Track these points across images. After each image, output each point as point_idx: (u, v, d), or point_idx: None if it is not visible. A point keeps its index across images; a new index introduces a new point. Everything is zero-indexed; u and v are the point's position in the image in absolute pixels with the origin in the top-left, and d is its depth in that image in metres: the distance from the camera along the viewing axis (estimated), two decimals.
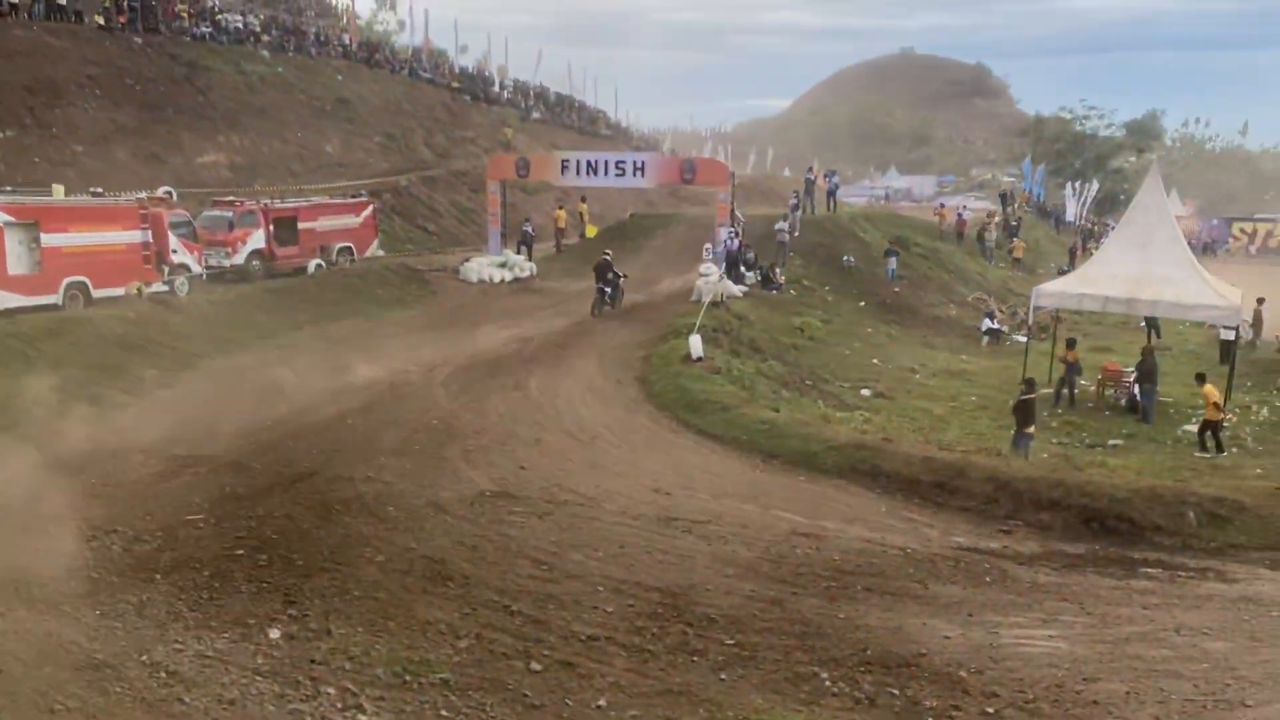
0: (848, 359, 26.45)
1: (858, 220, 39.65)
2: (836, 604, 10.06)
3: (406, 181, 41.94)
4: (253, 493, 12.32)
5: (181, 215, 25.13)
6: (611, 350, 22.67)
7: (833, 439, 15.79)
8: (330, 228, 29.93)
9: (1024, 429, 16.98)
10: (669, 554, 11.18)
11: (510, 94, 62.32)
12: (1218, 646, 9.27)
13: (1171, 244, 22.76)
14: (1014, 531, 12.82)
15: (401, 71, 54.90)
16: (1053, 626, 9.71)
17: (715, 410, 17.49)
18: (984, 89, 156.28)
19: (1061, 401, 22.90)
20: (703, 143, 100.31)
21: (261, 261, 27.49)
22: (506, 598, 9.63)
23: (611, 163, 33.53)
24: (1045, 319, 27.46)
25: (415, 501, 12.36)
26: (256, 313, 23.47)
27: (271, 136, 42.38)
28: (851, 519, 12.94)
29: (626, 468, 14.62)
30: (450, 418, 16.70)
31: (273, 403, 16.93)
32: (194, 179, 35.30)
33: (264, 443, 14.66)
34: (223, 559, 10.11)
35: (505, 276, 32.14)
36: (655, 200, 52.29)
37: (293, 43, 49.25)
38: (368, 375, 19.31)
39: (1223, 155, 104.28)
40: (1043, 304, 23.95)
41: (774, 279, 31.06)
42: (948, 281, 37.04)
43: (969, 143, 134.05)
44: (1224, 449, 18.83)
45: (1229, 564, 11.85)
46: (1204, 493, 13.34)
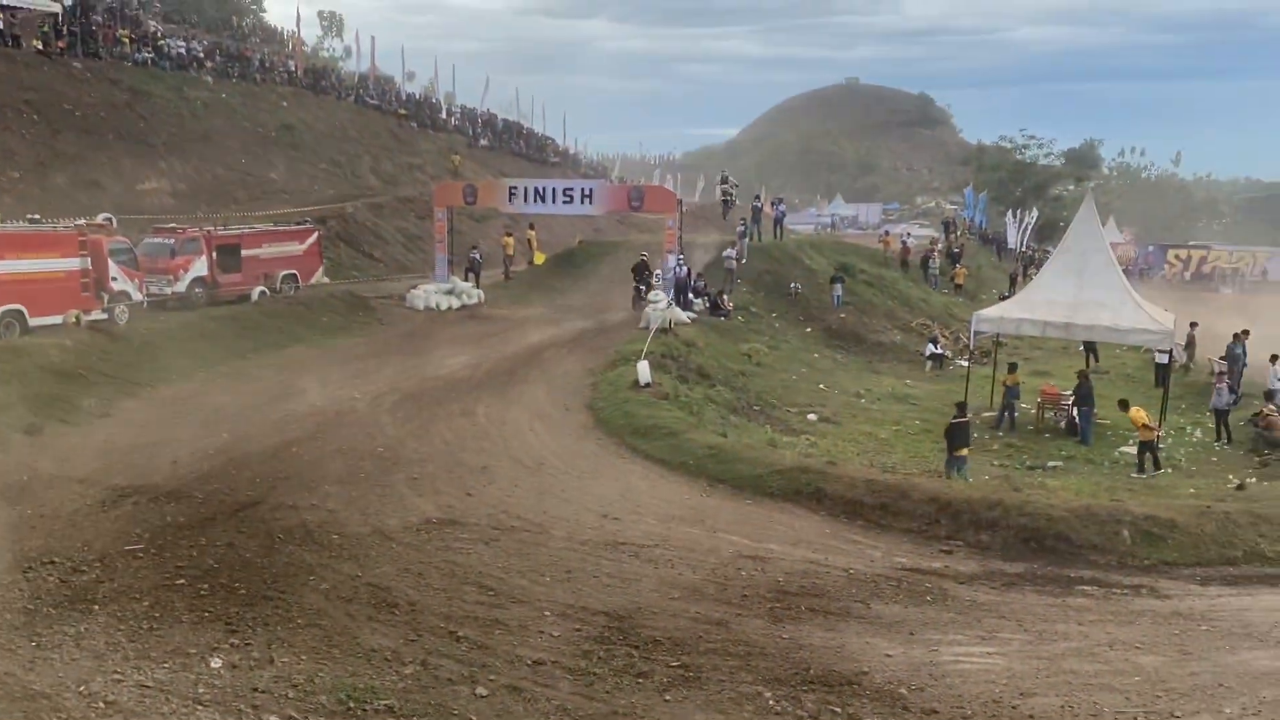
0: (795, 384, 26.76)
1: (804, 248, 40.18)
2: (780, 624, 10.17)
3: (353, 208, 41.70)
4: (194, 522, 12.15)
5: (122, 242, 24.75)
6: (560, 377, 22.72)
7: (778, 463, 15.96)
8: (274, 255, 29.64)
9: (955, 452, 17.34)
10: (615, 578, 11.23)
11: (458, 121, 62.41)
12: (1149, 660, 9.52)
13: (1106, 270, 23.41)
14: (954, 551, 13.06)
15: (348, 98, 54.80)
16: (991, 644, 9.91)
17: (663, 436, 17.60)
18: (927, 118, 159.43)
19: (1003, 424, 23.36)
20: (651, 170, 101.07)
21: (204, 289, 27.14)
22: (452, 624, 9.61)
23: (560, 190, 33.66)
24: (986, 343, 28.01)
25: (360, 529, 12.28)
26: (199, 341, 23.12)
27: (215, 163, 41.99)
28: (796, 541, 13.09)
29: (574, 493, 14.66)
30: (396, 445, 16.61)
31: (215, 431, 16.74)
32: (135, 206, 34.80)
33: (206, 471, 14.47)
34: (163, 589, 9.96)
35: (453, 304, 32.06)
36: (604, 227, 52.49)
37: (237, 69, 48.97)
38: (313, 403, 19.16)
39: (1157, 183, 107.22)
40: (983, 329, 24.45)
41: (722, 306, 31.36)
42: (892, 308, 37.62)
43: (913, 171, 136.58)
44: (1161, 466, 19.35)
45: (1161, 581, 12.18)
46: (1138, 512, 13.71)
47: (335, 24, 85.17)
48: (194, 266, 26.93)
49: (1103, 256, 23.76)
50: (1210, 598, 11.67)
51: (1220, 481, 18.04)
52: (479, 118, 64.58)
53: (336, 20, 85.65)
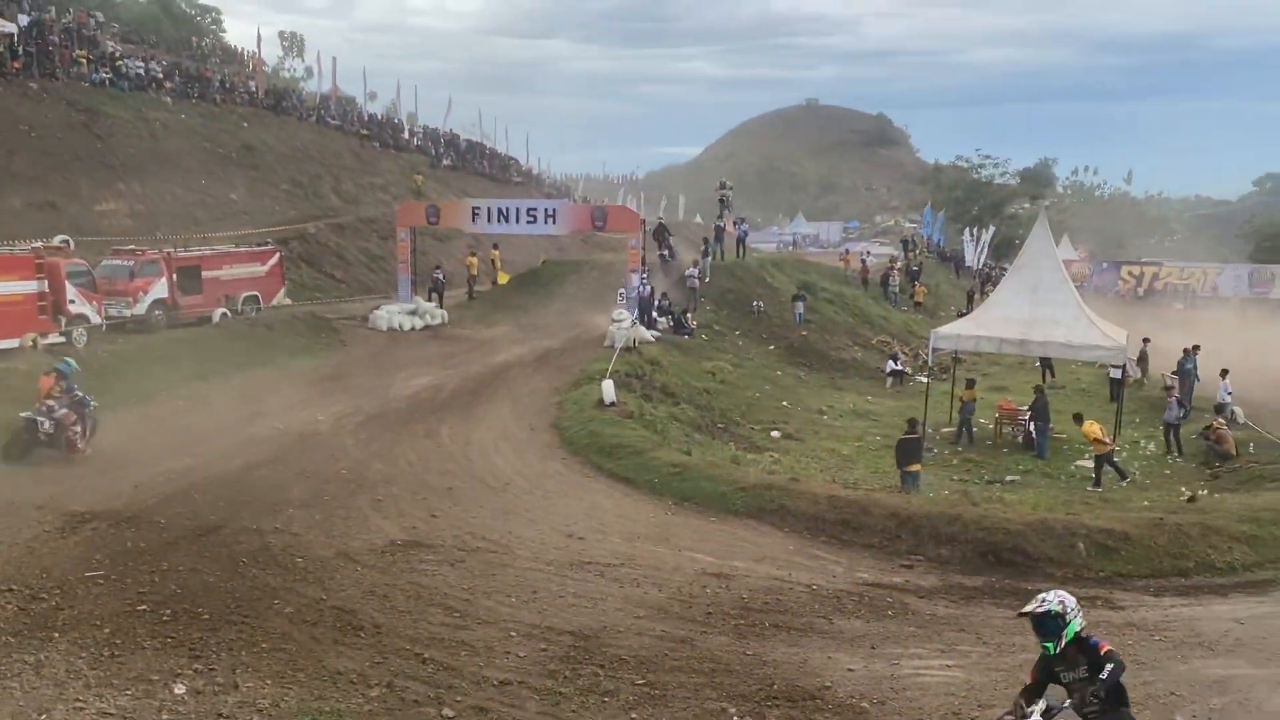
0: (758, 402, 26.97)
1: (766, 266, 40.56)
2: (745, 641, 10.29)
3: (315, 229, 41.54)
4: (156, 547, 12.06)
5: (80, 264, 24.52)
6: (525, 396, 22.77)
7: (742, 480, 16.11)
8: (235, 276, 29.47)
9: (904, 467, 17.63)
10: (581, 598, 11.30)
11: (420, 141, 62.34)
12: None
13: (1060, 287, 23.87)
14: (915, 566, 13.25)
15: (309, 118, 54.58)
16: (951, 656, 10.09)
17: (628, 454, 17.70)
18: (886, 138, 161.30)
19: (961, 440, 23.71)
20: (615, 189, 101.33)
21: (164, 311, 26.92)
22: (418, 645, 9.62)
23: (523, 210, 33.79)
24: (945, 360, 28.40)
25: (324, 552, 12.26)
26: (159, 364, 22.91)
27: (174, 184, 41.61)
28: (760, 558, 13.22)
29: (539, 513, 14.71)
30: (360, 467, 16.59)
31: (177, 455, 16.60)
32: (93, 228, 34.46)
33: (168, 496, 14.36)
34: (124, 615, 9.88)
35: (416, 324, 32.02)
36: (567, 246, 52.59)
37: (197, 89, 48.63)
38: (276, 426, 19.07)
39: (1110, 201, 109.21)
40: (941, 346, 24.81)
41: (686, 324, 31.55)
42: (854, 325, 38.05)
43: (872, 190, 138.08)
44: (1125, 474, 19.76)
45: (1116, 592, 12.45)
46: (1093, 525, 13.99)
47: (296, 44, 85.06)
48: (154, 288, 26.72)
49: (1057, 274, 24.23)
50: (1163, 608, 11.93)
51: (1172, 494, 18.41)
52: (441, 138, 64.53)
53: (297, 41, 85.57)
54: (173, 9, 72.66)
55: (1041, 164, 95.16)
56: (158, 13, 69.61)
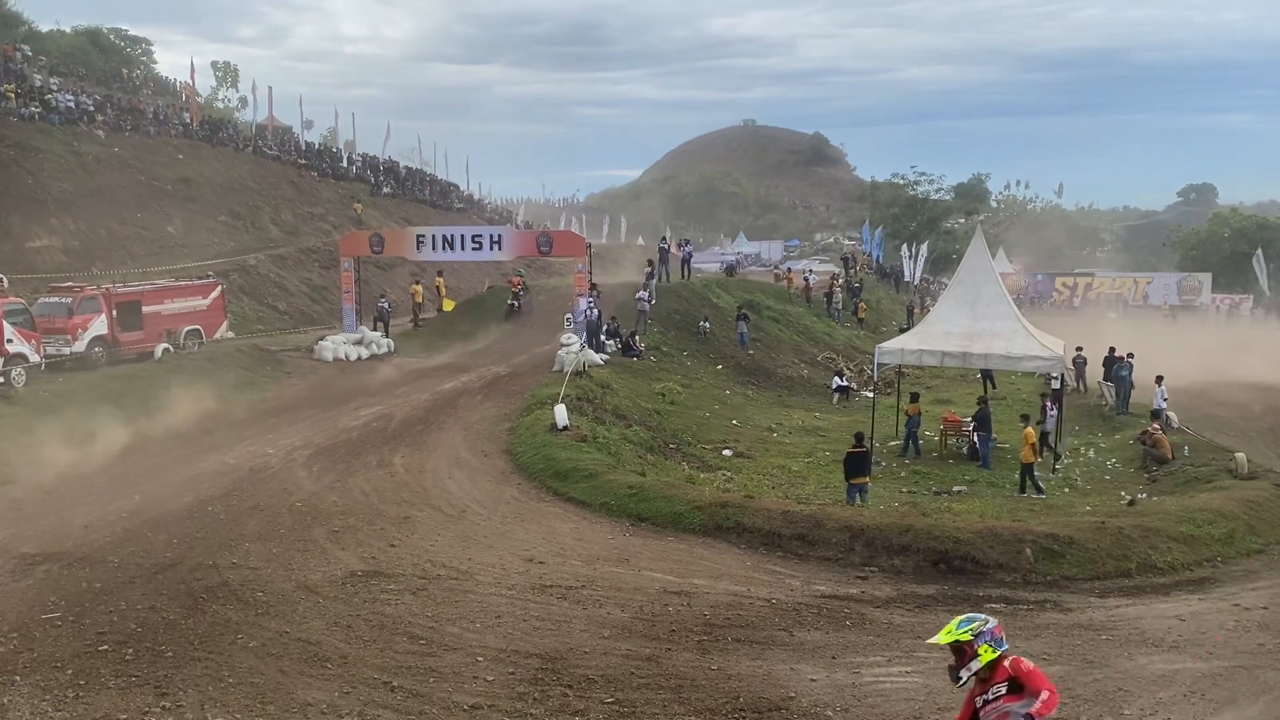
0: (708, 421, 27.23)
1: (711, 287, 41.00)
2: (709, 656, 10.46)
3: (255, 260, 41.19)
4: (112, 586, 11.93)
5: (16, 303, 24.13)
6: (476, 423, 22.77)
7: (697, 499, 16.30)
8: (177, 311, 29.13)
9: (851, 480, 18.00)
10: (545, 621, 11.40)
11: (359, 169, 62.03)
12: (1055, 670, 9.99)
13: (998, 301, 24.50)
14: (870, 577, 13.55)
15: (246, 149, 54.14)
16: (909, 663, 10.36)
17: (583, 478, 17.80)
18: (822, 157, 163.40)
19: (908, 452, 24.17)
20: (556, 213, 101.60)
21: (104, 348, 26.52)
22: (386, 674, 9.66)
23: (468, 237, 33.84)
24: (890, 374, 28.92)
25: (284, 585, 12.21)
26: (101, 402, 22.53)
27: (109, 218, 41.04)
28: (719, 575, 13.42)
29: (498, 539, 14.77)
30: (314, 499, 16.49)
31: (126, 493, 16.39)
32: (26, 265, 33.85)
33: (120, 535, 14.18)
34: (85, 656, 9.78)
35: (362, 354, 31.87)
36: (511, 272, 52.68)
37: (130, 121, 48.09)
38: (225, 461, 18.87)
39: (1042, 214, 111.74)
40: (886, 360, 25.25)
41: (634, 346, 31.79)
42: (799, 342, 38.59)
43: (811, 208, 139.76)
44: (1042, 490, 20.13)
45: (1063, 595, 12.88)
46: (1039, 530, 14.44)
47: (230, 74, 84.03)
48: (93, 325, 26.36)
49: (994, 288, 24.86)
50: (1109, 608, 12.37)
51: (1113, 498, 18.97)
52: (380, 165, 64.33)
53: (231, 70, 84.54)
54: (101, 41, 71.58)
55: (975, 179, 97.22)
56: (86, 45, 68.53)
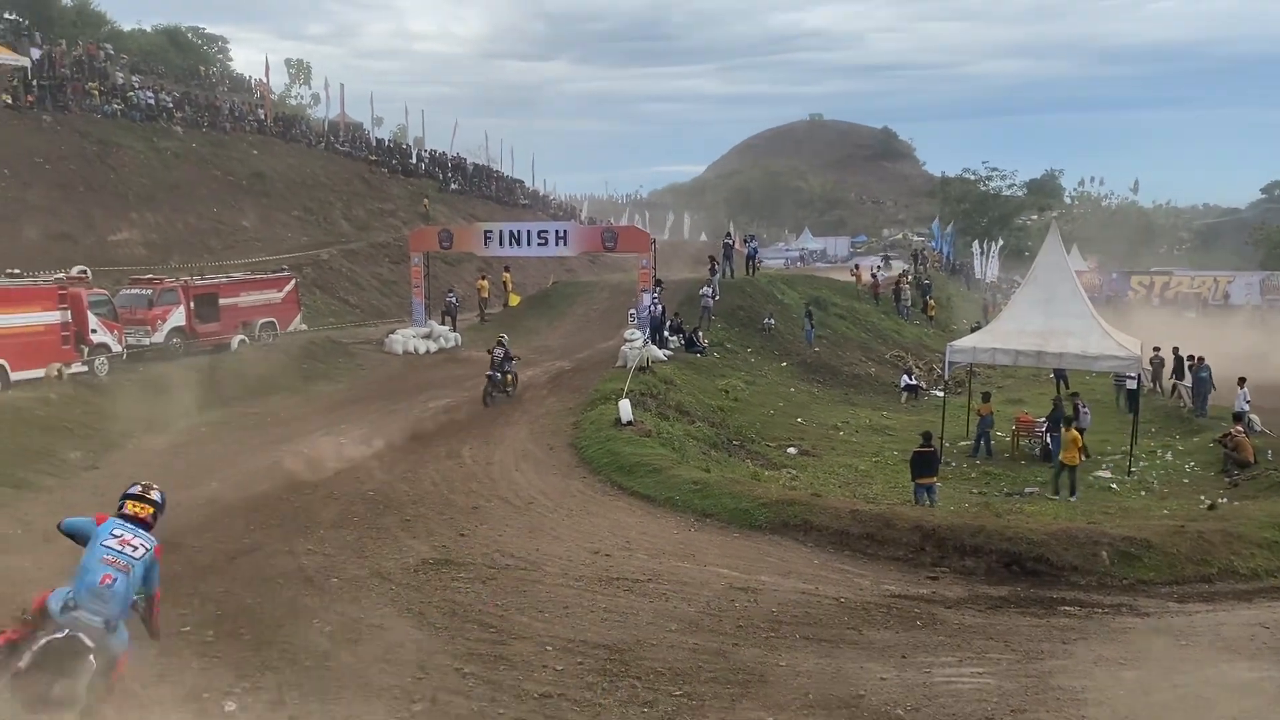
0: (773, 418, 27.11)
1: (776, 283, 40.77)
2: (777, 653, 10.42)
3: (327, 255, 41.93)
4: (192, 571, 12.22)
5: (101, 294, 24.83)
6: (541, 417, 22.95)
7: (763, 496, 16.23)
8: (252, 303, 29.76)
9: (917, 480, 17.79)
10: (613, 612, 11.44)
11: (428, 165, 62.84)
12: (1133, 675, 9.85)
13: (1073, 298, 24.00)
14: (940, 577, 13.38)
15: (318, 145, 55.15)
16: (981, 664, 10.22)
17: (648, 472, 17.84)
18: (891, 152, 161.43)
19: (979, 453, 23.82)
20: (620, 209, 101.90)
21: (182, 339, 27.20)
22: (457, 661, 9.78)
23: (534, 232, 34.05)
24: (961, 374, 28.53)
25: (358, 572, 12.44)
26: (180, 391, 23.13)
27: (186, 212, 42.13)
28: (786, 572, 13.36)
29: (565, 531, 14.88)
30: (386, 488, 16.75)
31: (204, 480, 16.78)
32: (107, 257, 34.85)
33: (198, 521, 14.51)
34: (169, 637, 9.98)
35: (430, 347, 32.28)
36: (576, 267, 53.01)
37: (206, 118, 49.22)
38: (298, 450, 19.21)
39: (1118, 211, 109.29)
40: (957, 359, 24.91)
41: (697, 343, 31.75)
42: (866, 340, 38.22)
43: (879, 204, 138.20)
44: (1076, 492, 19.70)
45: (1140, 599, 12.58)
46: (1115, 533, 14.12)
47: (303, 71, 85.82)
48: (172, 317, 27.02)
49: (1069, 285, 24.38)
50: (1188, 614, 12.06)
51: (1193, 502, 18.50)
52: (449, 162, 65.09)
53: (304, 68, 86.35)
54: (180, 39, 73.45)
55: (1048, 175, 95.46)
56: (165, 43, 70.39)
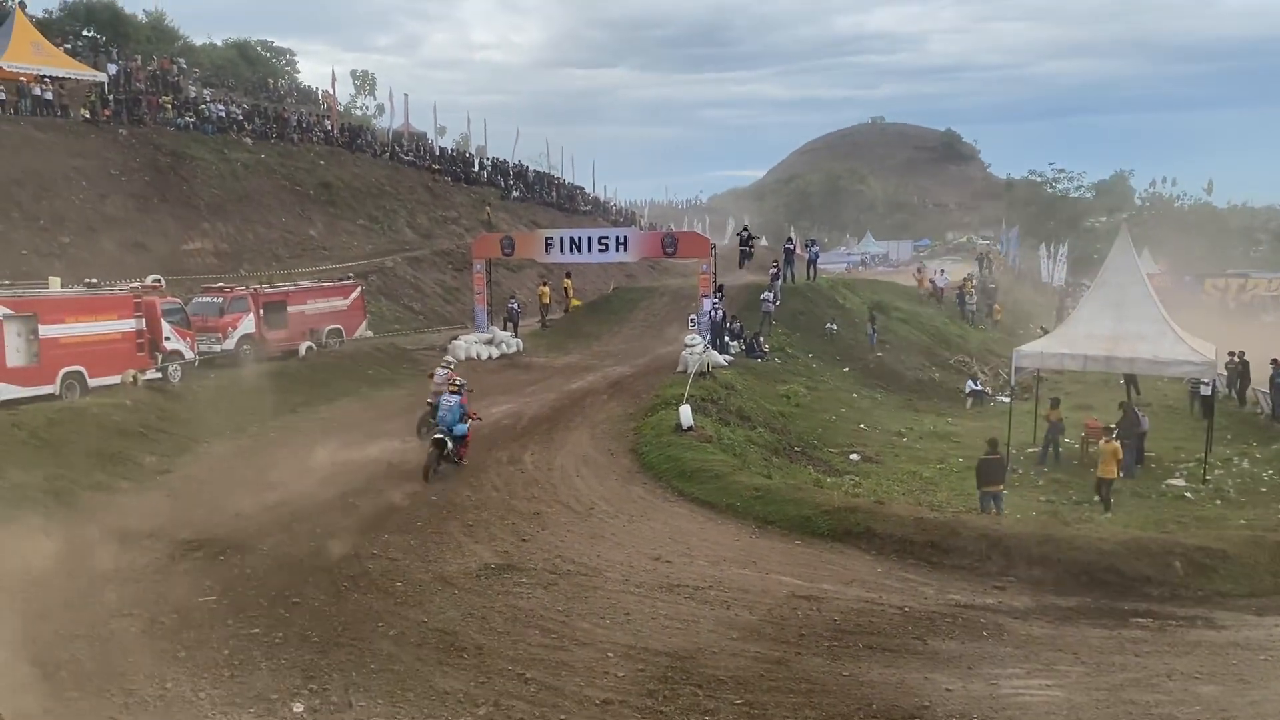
0: (834, 425, 26.87)
1: (838, 287, 40.41)
2: (840, 662, 10.32)
3: (392, 262, 42.53)
4: (261, 573, 12.52)
5: (174, 303, 25.49)
6: (602, 423, 23.00)
7: (825, 503, 16.09)
8: (319, 310, 30.32)
9: (983, 488, 17.46)
10: (674, 619, 11.43)
11: (490, 173, 63.39)
12: (1209, 690, 9.58)
13: (1144, 302, 23.44)
14: (1007, 587, 13.13)
15: (383, 155, 55.89)
16: (1050, 676, 10.01)
17: (709, 478, 17.79)
18: (955, 154, 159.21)
19: (1047, 459, 23.35)
20: (680, 215, 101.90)
21: (252, 346, 27.78)
22: (519, 666, 9.86)
23: (595, 239, 34.18)
24: (1027, 379, 28.00)
25: (422, 576, 12.60)
26: (250, 396, 23.68)
27: (256, 222, 43.00)
28: (849, 580, 13.23)
29: (625, 537, 14.90)
30: (449, 494, 16.94)
31: (273, 484, 17.14)
32: (179, 266, 35.70)
33: (267, 524, 14.85)
34: (240, 638, 10.30)
35: (493, 353, 32.57)
36: (636, 273, 53.08)
37: (275, 130, 50.17)
38: (364, 454, 19.52)
39: (1191, 213, 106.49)
40: (1024, 365, 24.44)
41: (758, 348, 31.60)
42: (929, 345, 37.70)
43: (942, 207, 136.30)
44: (1110, 507, 18.74)
45: (1216, 611, 12.21)
46: (1189, 543, 13.73)
47: (368, 83, 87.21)
48: (242, 324, 27.62)
49: (1140, 289, 23.81)
50: (1267, 627, 11.68)
51: (1271, 511, 17.96)
52: (510, 169, 65.61)
53: (369, 79, 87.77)
54: (249, 53, 75.17)
55: (1117, 176, 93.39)
56: (235, 56, 72.09)
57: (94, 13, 58.31)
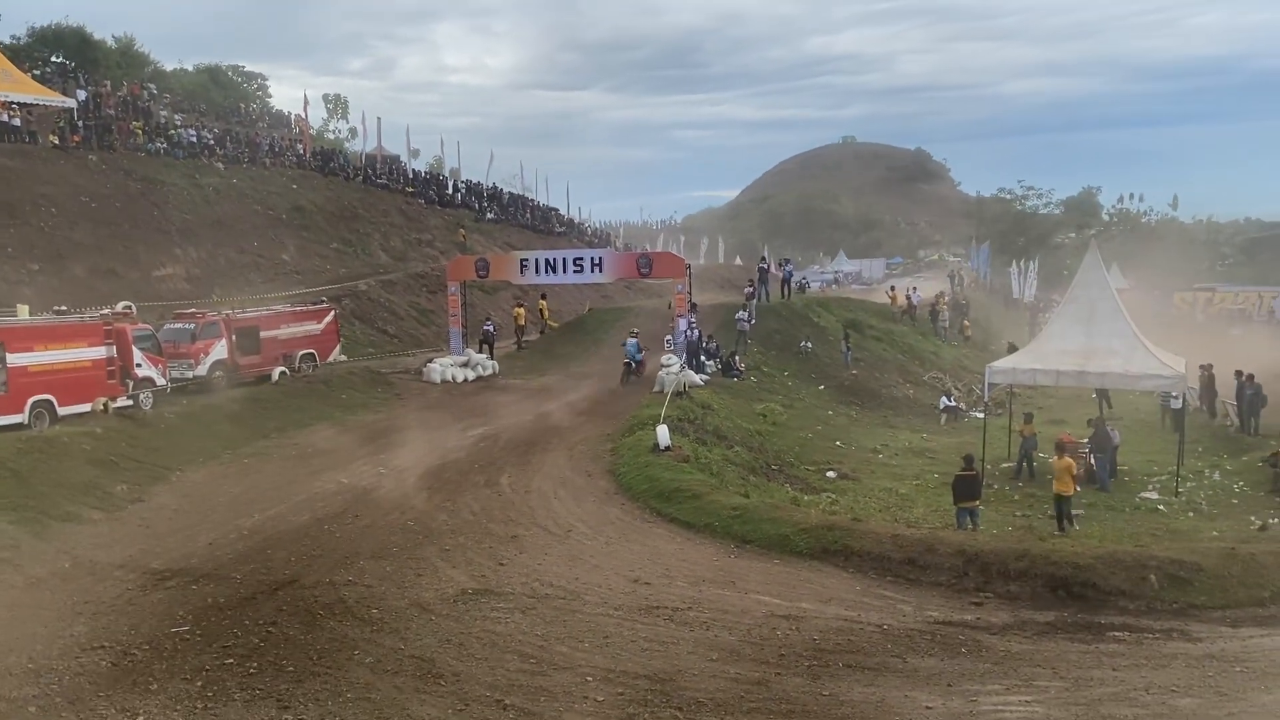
0: (811, 442, 26.94)
1: (812, 306, 40.62)
2: (819, 681, 10.29)
3: (366, 286, 42.38)
4: (235, 602, 12.35)
5: (145, 329, 25.22)
6: (579, 444, 22.96)
7: (803, 522, 16.09)
8: (293, 335, 30.11)
9: (959, 503, 17.52)
10: (653, 642, 11.37)
11: (464, 195, 63.41)
12: (1186, 703, 9.63)
13: (1114, 317, 23.69)
14: (985, 603, 13.16)
15: (356, 178, 55.83)
16: (1028, 692, 10.02)
17: (686, 499, 17.75)
18: (925, 173, 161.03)
19: (1022, 474, 23.49)
20: (654, 235, 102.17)
21: (225, 372, 27.54)
22: (498, 692, 9.77)
23: (570, 260, 34.22)
24: (1001, 394, 28.20)
25: (398, 602, 12.47)
26: (223, 423, 23.48)
27: (228, 247, 42.74)
28: (828, 599, 13.22)
29: (604, 559, 14.83)
30: (425, 518, 16.82)
31: (246, 512, 16.98)
32: (151, 292, 35.41)
33: (241, 552, 14.69)
34: (213, 669, 10.15)
35: (469, 375, 32.46)
36: (611, 293, 53.12)
37: (247, 154, 50.04)
38: (339, 480, 19.41)
39: (1158, 228, 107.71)
40: (997, 380, 24.62)
41: (734, 367, 31.67)
42: (904, 362, 37.91)
43: (914, 225, 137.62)
44: (1071, 525, 18.34)
45: (1191, 624, 12.28)
46: (1163, 556, 13.81)
47: (340, 106, 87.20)
48: (214, 350, 27.38)
49: (1110, 304, 24.06)
50: (1242, 639, 11.76)
51: (1243, 523, 18.13)
52: (484, 191, 65.65)
53: (341, 103, 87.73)
54: (221, 77, 74.99)
55: (1085, 193, 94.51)
56: (207, 81, 71.90)
57: (62, 38, 58.02)
